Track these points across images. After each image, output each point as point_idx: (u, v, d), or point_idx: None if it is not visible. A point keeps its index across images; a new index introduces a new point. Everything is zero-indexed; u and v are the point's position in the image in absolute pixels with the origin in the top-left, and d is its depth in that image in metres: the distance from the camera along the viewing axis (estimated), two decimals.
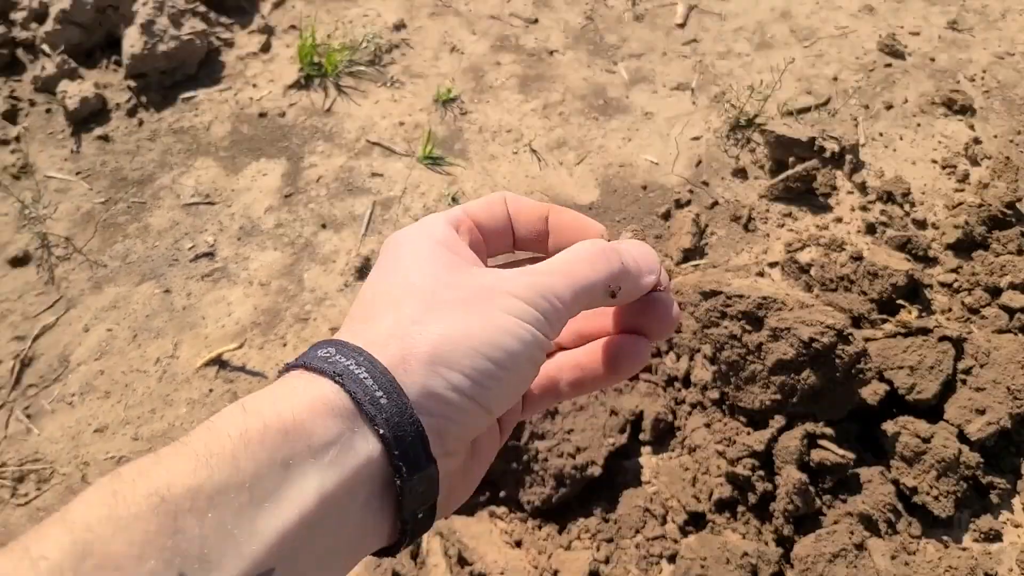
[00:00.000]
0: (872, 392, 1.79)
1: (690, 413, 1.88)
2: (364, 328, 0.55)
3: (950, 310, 2.03)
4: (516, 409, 0.68)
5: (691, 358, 1.90)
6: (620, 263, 0.60)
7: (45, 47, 2.62)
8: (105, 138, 2.50)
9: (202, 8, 2.67)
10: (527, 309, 0.55)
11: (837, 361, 1.75)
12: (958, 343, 1.89)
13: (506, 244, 0.69)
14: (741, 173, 2.30)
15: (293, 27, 2.73)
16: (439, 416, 0.51)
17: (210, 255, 2.24)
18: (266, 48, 2.69)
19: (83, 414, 1.99)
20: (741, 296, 1.79)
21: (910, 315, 1.96)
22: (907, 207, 2.19)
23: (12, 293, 2.19)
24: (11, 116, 2.53)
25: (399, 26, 2.74)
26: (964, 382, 1.87)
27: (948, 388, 1.85)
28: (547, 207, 0.68)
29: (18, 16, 2.65)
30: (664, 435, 1.87)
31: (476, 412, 0.53)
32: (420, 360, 0.51)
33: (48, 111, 2.55)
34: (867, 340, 1.88)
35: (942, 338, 1.87)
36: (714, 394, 1.85)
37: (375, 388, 0.49)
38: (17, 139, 2.49)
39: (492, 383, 0.52)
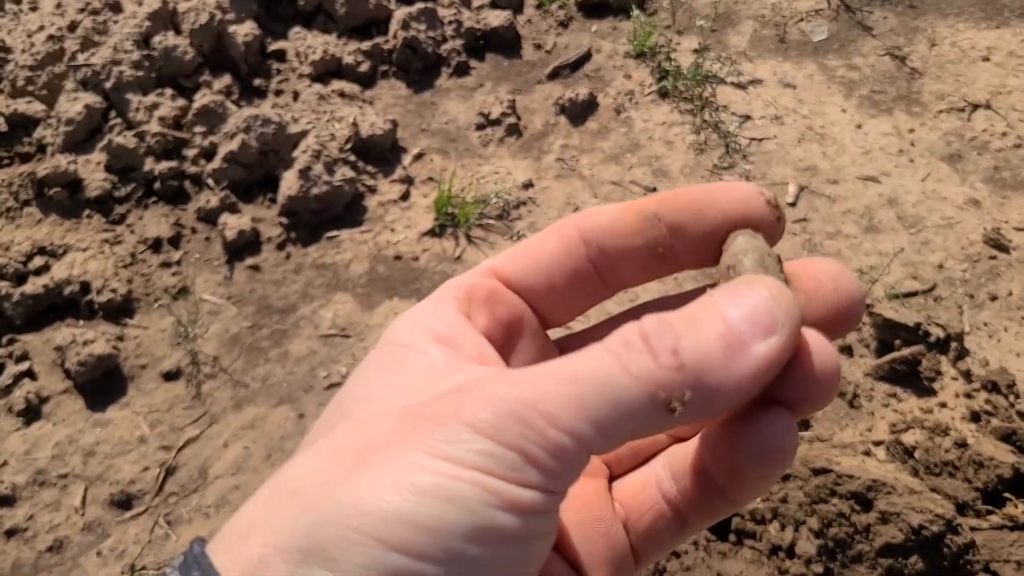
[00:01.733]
0: None
1: None
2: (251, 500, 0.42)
3: None
4: None
5: (796, 529, 1.98)
6: (673, 357, 0.40)
7: (210, 181, 2.92)
8: (256, 268, 2.76)
9: (352, 157, 2.96)
10: (481, 446, 0.38)
11: (945, 550, 1.81)
12: None
13: (586, 290, 0.50)
14: (847, 350, 2.42)
15: (431, 179, 3.00)
16: None
17: (342, 384, 2.42)
18: (405, 197, 2.96)
19: (217, 525, 2.15)
20: (851, 476, 1.88)
21: (1016, 509, 2.01)
22: (1012, 398, 2.27)
23: (163, 405, 2.41)
24: (175, 241, 2.81)
25: (527, 185, 2.98)
26: None
27: None
28: (649, 201, 0.48)
29: (190, 153, 2.98)
30: None
31: None
32: (289, 560, 0.37)
33: (207, 239, 2.83)
34: (972, 530, 1.93)
35: None
36: (819, 568, 1.91)
37: None
38: (179, 263, 2.76)
39: None
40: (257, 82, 3.12)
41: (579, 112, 3.07)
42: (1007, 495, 2.03)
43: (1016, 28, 3.28)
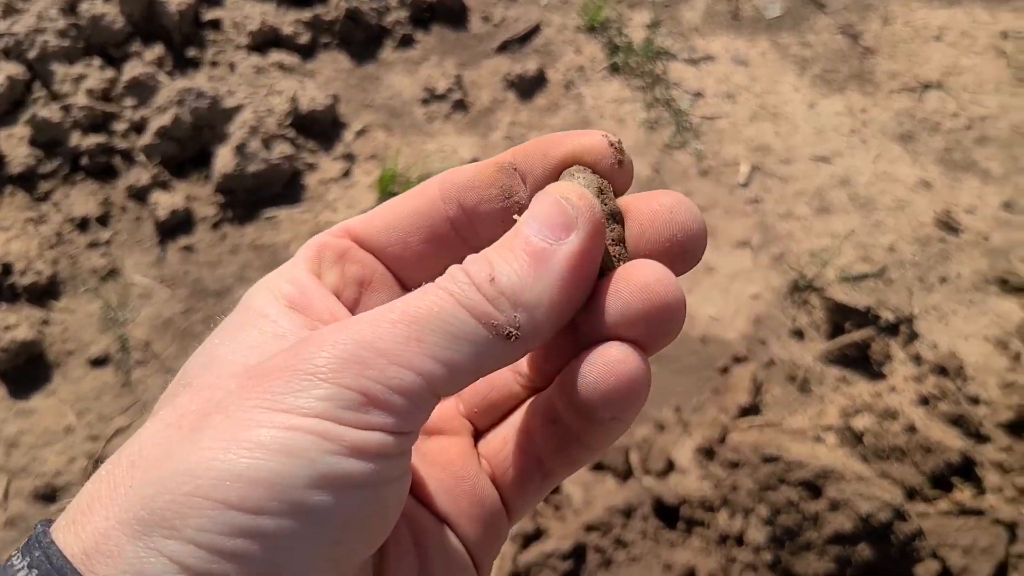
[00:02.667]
0: (925, 570, 1.82)
1: (742, 573, 1.90)
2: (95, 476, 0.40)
3: (1001, 490, 2.06)
4: (492, 524, 0.49)
5: (745, 517, 1.94)
6: (492, 286, 0.40)
7: (141, 157, 2.79)
8: (189, 248, 2.64)
9: (291, 133, 2.84)
10: (320, 392, 0.36)
11: (892, 537, 1.79)
12: (1011, 527, 1.92)
13: (444, 248, 0.49)
14: (798, 334, 2.38)
15: (374, 156, 2.89)
16: None
17: None
18: (347, 174, 2.85)
19: None
20: (801, 464, 1.84)
21: (963, 493, 1.99)
22: (960, 382, 2.25)
23: (91, 393, 2.29)
24: (103, 220, 2.68)
25: (473, 162, 2.89)
26: (1016, 567, 1.89)
27: (1001, 571, 1.87)
28: (506, 153, 0.49)
29: (119, 127, 2.83)
30: None
31: None
32: (128, 533, 0.35)
33: (138, 218, 2.70)
34: (920, 515, 1.91)
35: (995, 521, 1.91)
36: (768, 556, 1.87)
37: None
38: (107, 243, 2.63)
39: (258, 550, 0.35)
40: (191, 53, 2.98)
41: (528, 88, 2.99)
42: (955, 480, 2.01)
43: (968, 8, 3.25)
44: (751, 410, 2.20)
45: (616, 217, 0.47)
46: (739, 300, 2.46)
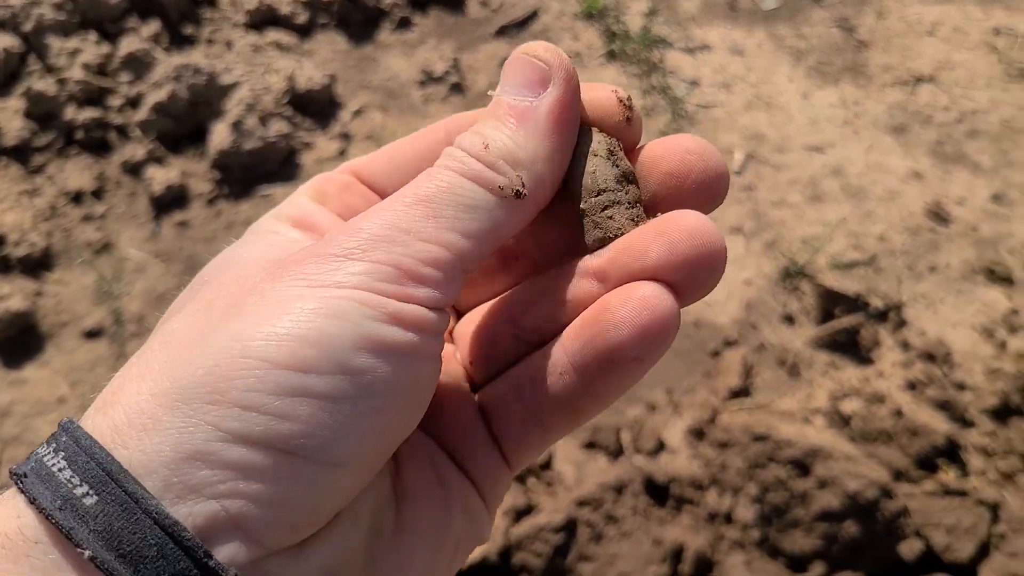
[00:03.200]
0: (909, 548, 1.85)
1: (731, 550, 1.93)
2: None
3: (984, 473, 2.09)
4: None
5: (734, 495, 1.97)
6: (488, 152, 0.41)
7: (136, 132, 2.78)
8: (184, 223, 2.64)
9: (288, 111, 2.85)
10: (358, 268, 0.37)
11: (878, 516, 1.81)
12: (994, 508, 1.95)
13: None
14: (789, 319, 2.41)
15: (370, 137, 2.90)
16: (220, 494, 0.33)
17: None
18: (343, 154, 2.86)
19: None
20: (790, 443, 1.87)
21: (948, 475, 2.02)
22: (947, 368, 2.28)
23: (84, 364, 2.29)
24: (97, 195, 2.67)
25: None
26: (998, 547, 1.92)
27: (983, 551, 1.90)
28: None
29: (115, 101, 2.83)
30: (704, 570, 1.91)
31: (294, 469, 0.34)
32: (165, 404, 0.34)
33: (132, 193, 2.70)
34: (906, 495, 1.94)
35: (979, 501, 1.94)
36: (756, 533, 1.90)
37: (75, 484, 0.33)
38: (102, 217, 2.62)
39: (307, 409, 0.34)
40: (188, 30, 2.97)
41: None
42: (939, 462, 2.04)
43: (961, 4, 3.29)
44: (741, 393, 2.22)
45: (629, 177, 0.46)
46: (731, 285, 2.48)
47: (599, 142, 0.47)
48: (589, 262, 0.45)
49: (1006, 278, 2.49)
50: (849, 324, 2.33)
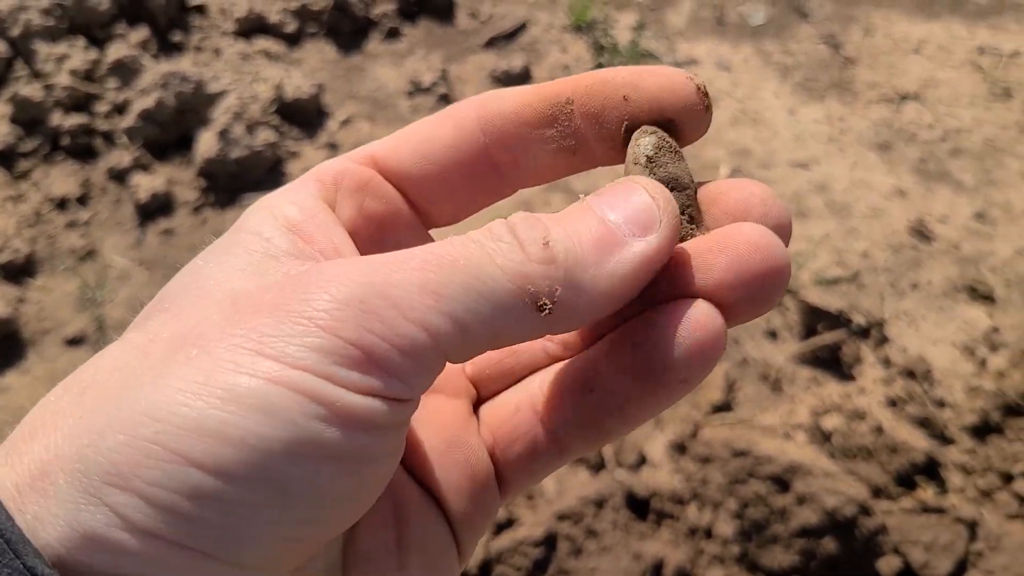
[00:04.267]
0: (887, 565, 1.86)
1: (710, 565, 1.93)
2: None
3: (963, 490, 2.10)
4: (482, 500, 0.44)
5: (715, 510, 1.97)
6: (543, 249, 0.35)
7: (123, 139, 2.78)
8: (169, 231, 2.63)
9: (275, 120, 2.85)
10: (314, 341, 0.32)
11: (857, 532, 1.82)
12: (971, 526, 1.96)
13: (481, 187, 0.44)
14: (772, 335, 2.42)
15: (357, 147, 2.90)
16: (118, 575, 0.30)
17: None
18: None
19: None
20: (770, 459, 1.87)
21: (927, 492, 2.04)
22: (927, 386, 2.29)
23: (66, 372, 2.27)
24: (82, 201, 2.67)
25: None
26: (975, 564, 1.93)
27: (961, 568, 1.91)
28: (562, 86, 0.43)
29: (101, 108, 2.82)
30: None
31: (198, 566, 0.31)
32: (68, 471, 0.30)
33: (117, 200, 2.69)
34: (884, 512, 1.95)
35: (957, 519, 1.95)
36: (735, 549, 1.90)
37: None
38: (86, 223, 2.62)
39: (216, 516, 0.30)
40: (176, 37, 2.98)
41: (513, 84, 3.01)
42: (918, 479, 2.05)
43: (947, 22, 3.32)
44: (723, 407, 2.23)
45: (681, 182, 0.43)
46: None
47: (660, 144, 0.44)
48: None
49: (987, 296, 2.51)
50: (831, 340, 2.35)
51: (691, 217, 0.43)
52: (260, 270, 0.37)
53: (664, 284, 0.39)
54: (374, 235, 0.44)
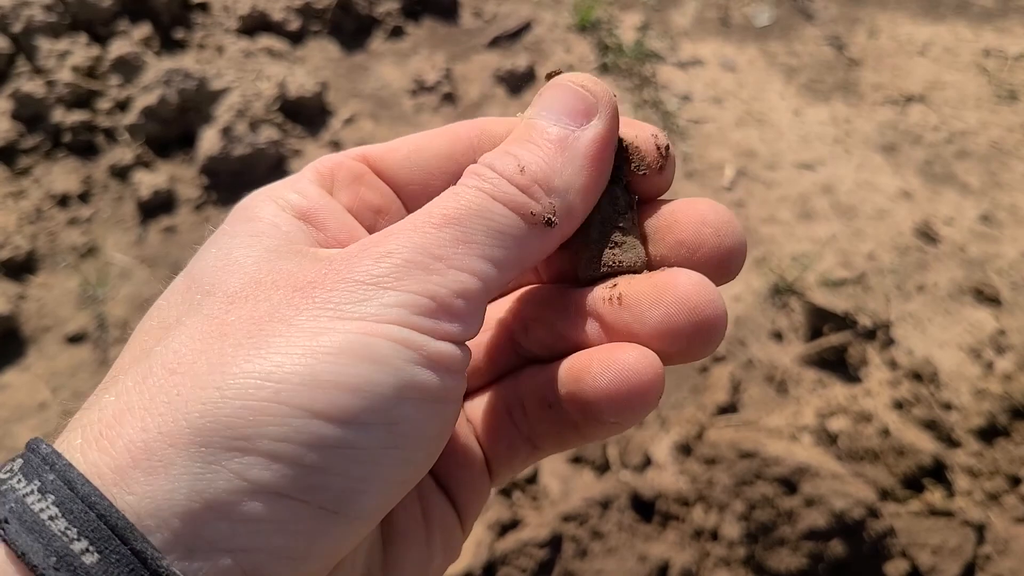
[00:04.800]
0: (895, 568, 1.84)
1: (716, 568, 1.91)
2: (107, 392, 0.35)
3: (970, 493, 2.09)
4: (472, 474, 0.48)
5: (721, 512, 1.95)
6: (523, 175, 0.39)
7: (125, 136, 2.76)
8: (171, 229, 2.62)
9: (278, 118, 2.83)
10: (390, 299, 0.34)
11: (864, 535, 1.81)
12: (979, 529, 1.94)
13: None
14: (777, 336, 2.41)
15: (360, 145, 2.89)
16: (236, 548, 0.30)
17: None
18: None
19: None
20: (777, 460, 1.86)
21: (934, 495, 2.02)
22: (934, 388, 2.28)
23: (66, 369, 2.26)
24: (84, 198, 2.65)
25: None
26: (983, 568, 1.92)
27: (968, 572, 1.90)
28: None
29: (103, 105, 2.81)
30: None
31: (319, 523, 0.32)
32: (180, 445, 0.30)
33: (119, 197, 2.67)
34: (892, 515, 1.93)
35: (964, 522, 1.93)
36: (742, 551, 1.89)
37: (71, 537, 0.29)
38: (88, 220, 2.60)
39: (342, 463, 0.32)
40: (179, 34, 2.96)
41: (517, 83, 3.00)
42: (926, 482, 2.04)
43: (952, 24, 3.31)
44: (729, 409, 2.21)
45: (633, 218, 0.46)
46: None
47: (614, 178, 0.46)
48: (592, 305, 0.43)
49: (993, 299, 2.50)
50: (837, 342, 2.33)
51: (636, 235, 0.46)
52: (292, 254, 0.39)
53: (612, 321, 0.42)
54: (372, 223, 0.46)
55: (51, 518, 0.29)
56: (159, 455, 0.30)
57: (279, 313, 0.34)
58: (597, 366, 0.40)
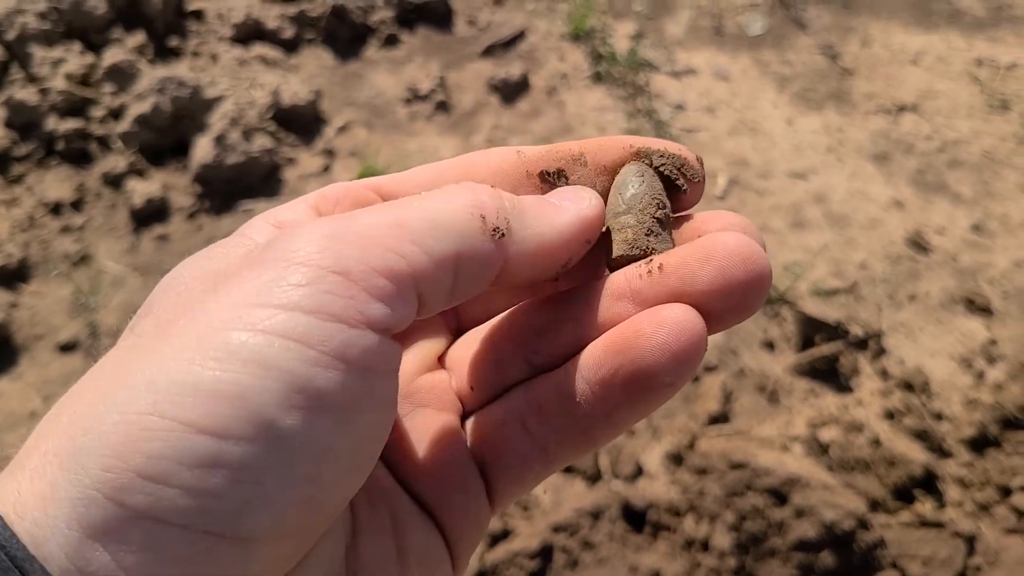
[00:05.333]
0: None
1: None
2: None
3: (961, 504, 2.09)
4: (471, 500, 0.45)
5: (711, 522, 1.96)
6: (495, 192, 0.40)
7: (118, 144, 2.76)
8: (164, 237, 2.62)
9: (272, 127, 2.83)
10: (299, 277, 0.32)
11: (855, 546, 1.81)
12: (970, 540, 1.95)
13: None
14: (769, 345, 2.41)
15: (353, 154, 2.89)
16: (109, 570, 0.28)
17: None
18: (326, 170, 2.85)
19: None
20: (768, 471, 1.86)
21: (925, 506, 2.02)
22: (925, 398, 2.28)
23: (58, 378, 2.26)
24: (76, 206, 2.65)
25: None
26: None
27: None
28: (572, 145, 0.47)
29: (97, 112, 2.81)
30: None
31: (203, 546, 0.29)
32: (65, 467, 0.29)
33: (112, 205, 2.67)
34: (882, 526, 1.94)
35: (955, 533, 1.94)
36: (732, 562, 1.89)
37: None
38: (81, 228, 2.60)
39: (220, 482, 0.29)
40: (173, 42, 2.96)
41: (511, 92, 3.00)
42: (917, 492, 2.04)
43: (944, 33, 3.32)
44: (720, 418, 2.22)
45: (662, 204, 0.47)
46: None
47: (640, 168, 0.47)
48: (625, 284, 0.42)
49: (985, 308, 2.50)
50: (829, 352, 2.34)
51: (668, 233, 0.47)
52: (241, 260, 0.38)
53: (654, 294, 0.41)
54: None
55: None
56: (49, 478, 0.29)
57: (191, 311, 0.33)
58: (648, 326, 0.39)
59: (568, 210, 0.42)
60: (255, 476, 0.30)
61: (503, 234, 0.37)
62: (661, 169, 0.48)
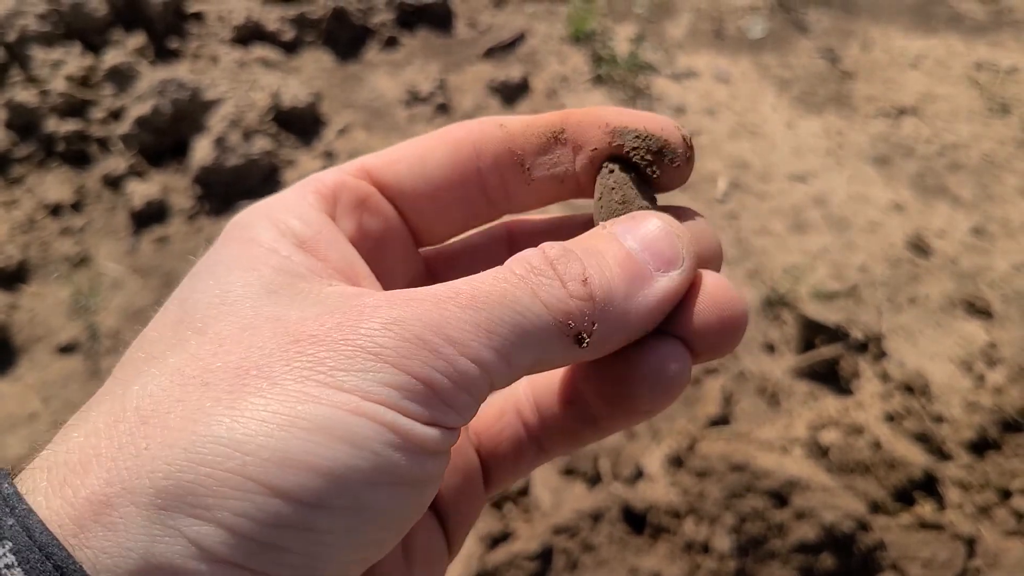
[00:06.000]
0: None
1: None
2: (76, 429, 0.34)
3: (961, 506, 2.09)
4: (464, 508, 0.47)
5: (711, 524, 1.95)
6: (582, 286, 0.37)
7: (118, 145, 2.76)
8: (163, 239, 2.61)
9: (272, 129, 2.83)
10: (385, 377, 0.33)
11: (855, 548, 1.81)
12: (969, 542, 1.94)
13: (470, 209, 0.45)
14: (769, 348, 2.41)
15: (353, 156, 2.89)
16: None
17: None
18: None
19: None
20: (768, 473, 1.86)
21: (925, 508, 2.02)
22: (925, 401, 2.28)
23: (57, 379, 2.26)
24: (76, 207, 2.65)
25: None
26: None
27: None
28: (554, 117, 0.45)
29: (97, 114, 2.81)
30: None
31: None
32: (141, 504, 0.30)
33: (112, 207, 2.67)
34: (882, 528, 1.93)
35: (955, 536, 1.93)
36: (732, 564, 1.89)
37: None
38: (80, 230, 2.60)
39: (301, 544, 0.31)
40: (173, 44, 2.96)
41: (511, 94, 3.00)
42: (917, 495, 2.04)
43: (944, 37, 3.32)
44: (721, 421, 2.21)
45: (635, 207, 0.45)
46: None
47: (608, 181, 0.45)
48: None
49: (985, 311, 2.50)
50: (829, 354, 2.33)
51: None
52: (292, 292, 0.37)
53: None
54: (371, 252, 0.44)
55: (7, 566, 0.28)
56: (120, 512, 0.30)
57: (268, 367, 0.33)
58: (642, 361, 0.40)
59: (658, 287, 0.38)
60: (329, 540, 0.31)
61: (588, 343, 0.37)
62: (633, 158, 0.44)
